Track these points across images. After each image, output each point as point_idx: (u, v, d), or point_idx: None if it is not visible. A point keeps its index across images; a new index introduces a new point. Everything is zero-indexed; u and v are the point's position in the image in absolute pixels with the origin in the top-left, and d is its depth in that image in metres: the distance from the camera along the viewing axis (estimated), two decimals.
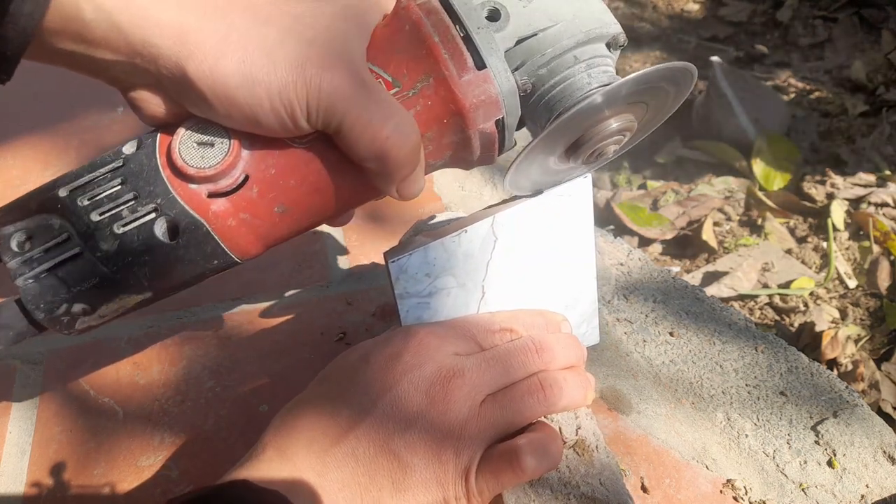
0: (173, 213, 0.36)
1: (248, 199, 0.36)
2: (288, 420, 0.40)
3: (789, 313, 1.11)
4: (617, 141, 0.39)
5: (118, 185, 0.36)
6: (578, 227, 0.45)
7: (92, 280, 0.36)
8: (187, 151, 0.36)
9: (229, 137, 0.36)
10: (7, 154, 0.76)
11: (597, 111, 0.36)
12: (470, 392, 0.39)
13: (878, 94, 1.50)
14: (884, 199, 1.25)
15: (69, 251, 0.36)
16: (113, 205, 0.36)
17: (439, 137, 0.38)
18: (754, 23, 1.79)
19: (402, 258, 0.41)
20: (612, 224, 1.27)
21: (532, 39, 0.37)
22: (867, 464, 0.48)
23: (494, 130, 0.38)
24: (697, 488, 0.47)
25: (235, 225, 0.37)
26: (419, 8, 0.37)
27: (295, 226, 0.39)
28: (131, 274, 0.36)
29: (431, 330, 0.42)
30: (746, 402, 0.51)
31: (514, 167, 0.38)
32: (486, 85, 0.36)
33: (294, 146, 0.36)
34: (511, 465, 0.38)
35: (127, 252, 0.36)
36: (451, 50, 0.36)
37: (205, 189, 0.36)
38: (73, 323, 0.37)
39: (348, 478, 0.37)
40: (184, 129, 0.36)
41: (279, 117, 0.34)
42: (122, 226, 0.36)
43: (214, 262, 0.38)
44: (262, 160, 0.36)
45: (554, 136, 0.37)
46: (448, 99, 0.36)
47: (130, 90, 0.36)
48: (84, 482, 0.49)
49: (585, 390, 0.43)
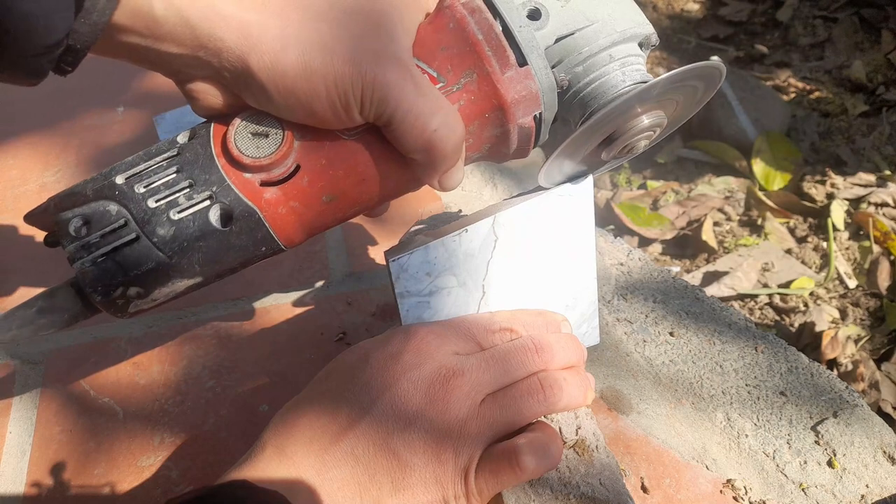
0: (228, 200, 0.37)
1: (299, 188, 0.38)
2: (287, 419, 0.40)
3: (789, 313, 1.11)
4: (648, 136, 0.40)
5: (174, 173, 0.37)
6: (579, 227, 0.45)
7: (148, 264, 0.37)
8: (242, 141, 0.37)
9: (283, 129, 0.37)
10: (7, 154, 0.76)
11: (630, 108, 0.38)
12: (470, 391, 0.39)
13: (878, 94, 1.50)
14: (884, 199, 1.25)
15: (126, 236, 0.37)
16: (169, 192, 0.37)
17: (480, 131, 0.39)
18: (754, 23, 1.79)
19: (403, 257, 0.41)
20: (612, 224, 1.27)
21: (570, 38, 0.38)
22: (867, 464, 0.48)
23: (532, 125, 0.39)
24: (697, 488, 0.47)
25: (285, 213, 0.38)
26: (463, 6, 0.38)
27: (339, 214, 0.40)
28: (185, 259, 0.38)
29: (431, 329, 0.42)
30: (746, 402, 0.51)
31: (550, 161, 0.39)
32: (528, 81, 0.37)
33: (344, 138, 0.38)
34: (511, 465, 0.38)
35: (183, 237, 0.37)
36: (493, 47, 0.37)
37: (258, 178, 0.37)
38: (127, 305, 0.38)
39: (348, 476, 0.37)
40: (239, 120, 0.38)
41: (334, 108, 0.35)
42: (179, 212, 0.37)
43: (263, 249, 0.39)
44: (313, 151, 0.38)
45: (589, 131, 0.38)
46: (491, 94, 0.37)
47: (188, 82, 0.37)
48: (84, 482, 0.49)
49: (585, 390, 0.43)
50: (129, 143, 0.76)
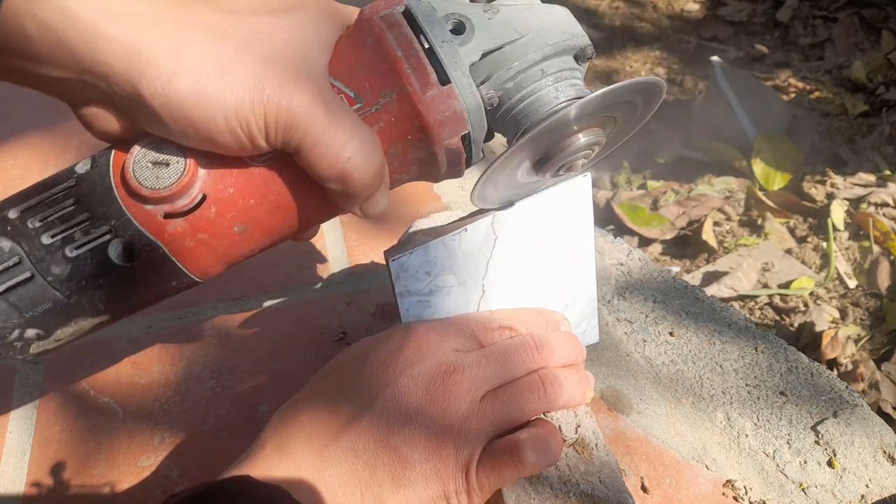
0: (128, 234, 0.35)
1: (206, 220, 0.35)
2: (287, 416, 0.40)
3: (789, 313, 1.11)
4: (586, 155, 0.38)
5: (71, 206, 0.35)
6: (578, 225, 0.45)
7: (45, 304, 0.35)
8: (141, 171, 0.34)
9: (185, 157, 0.35)
10: (6, 154, 0.76)
11: (565, 126, 0.36)
12: (470, 388, 0.39)
13: (878, 94, 1.50)
14: (884, 199, 1.25)
15: (20, 276, 0.34)
16: (65, 226, 0.35)
17: (404, 153, 0.37)
18: (754, 23, 1.79)
19: (403, 256, 0.41)
20: (612, 224, 1.27)
21: (497, 52, 0.36)
22: (867, 464, 0.48)
23: (461, 146, 0.37)
24: (697, 488, 0.47)
25: (193, 245, 0.36)
26: (382, 21, 0.36)
27: (256, 244, 0.38)
28: (86, 297, 0.35)
29: (431, 326, 0.42)
30: (746, 402, 0.51)
31: (482, 181, 0.37)
32: (451, 100, 0.35)
33: (253, 165, 0.35)
34: (512, 460, 0.38)
35: (80, 275, 0.35)
36: (414, 64, 0.35)
37: (161, 210, 0.35)
38: (27, 348, 0.36)
39: (348, 473, 0.37)
40: (138, 148, 0.35)
41: (236, 137, 0.33)
42: (75, 248, 0.34)
43: (173, 283, 0.37)
44: (219, 179, 0.35)
45: (521, 150, 0.36)
46: (412, 115, 0.35)
47: (81, 106, 0.34)
48: (84, 482, 0.49)
49: (585, 388, 0.43)
50: None
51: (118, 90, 0.32)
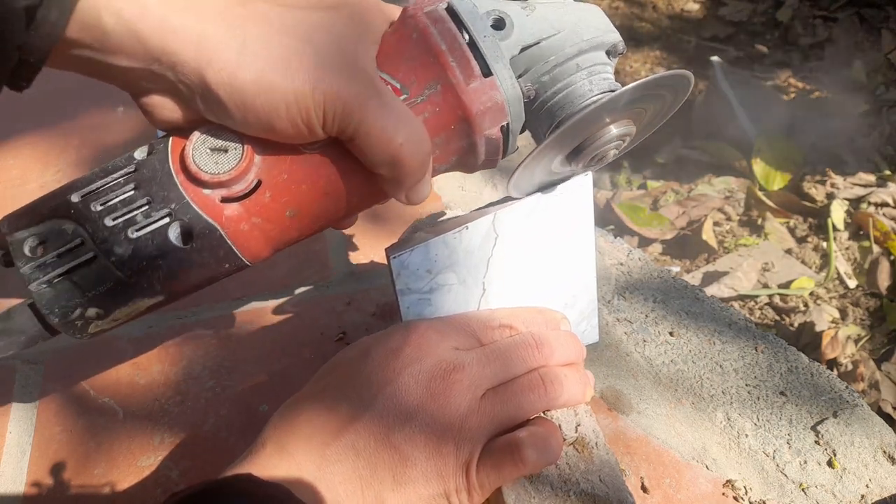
0: (187, 217, 0.36)
1: (261, 204, 0.37)
2: (287, 415, 0.40)
3: (789, 313, 1.11)
4: (617, 146, 0.40)
5: (131, 191, 0.36)
6: (579, 225, 0.45)
7: (106, 284, 0.36)
8: (201, 157, 0.36)
9: (242, 143, 0.36)
10: (7, 154, 0.76)
11: (598, 118, 0.37)
12: (470, 386, 0.39)
13: (878, 94, 1.50)
14: (884, 199, 1.25)
15: (83, 256, 0.36)
16: (126, 210, 0.36)
17: (446, 143, 0.38)
18: (754, 23, 1.79)
19: (404, 254, 0.41)
20: (612, 224, 1.27)
21: (535, 47, 0.38)
22: (867, 464, 0.48)
23: (500, 136, 0.38)
24: (697, 488, 0.47)
25: (248, 229, 0.37)
26: (426, 16, 0.37)
27: (305, 229, 0.39)
28: (145, 278, 0.37)
29: (431, 325, 0.42)
30: (746, 402, 0.51)
31: (518, 172, 0.39)
32: (493, 92, 0.37)
33: (306, 152, 0.37)
34: (512, 458, 0.38)
35: (141, 256, 0.36)
36: (457, 57, 0.36)
37: (218, 194, 0.36)
38: (86, 327, 0.37)
39: (349, 471, 0.37)
40: (198, 135, 0.36)
41: (295, 124, 0.35)
42: (137, 230, 0.36)
43: (226, 266, 0.38)
44: (274, 166, 0.37)
45: (557, 142, 0.37)
46: (456, 105, 0.37)
47: (143, 95, 0.36)
48: (84, 482, 0.49)
49: (585, 387, 0.43)
50: (128, 143, 0.76)
51: (185, 79, 0.34)
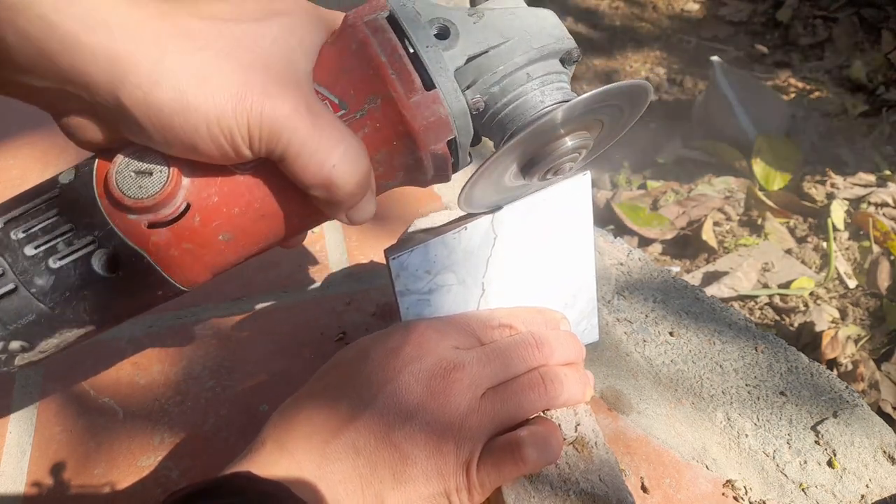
0: (112, 245, 0.34)
1: (191, 229, 0.35)
2: (287, 414, 0.40)
3: (789, 313, 1.11)
4: (572, 158, 0.38)
5: (54, 217, 0.35)
6: (578, 224, 0.45)
7: (28, 316, 0.35)
8: (124, 181, 0.34)
9: (168, 165, 0.34)
10: (6, 154, 0.76)
11: (551, 130, 0.36)
12: (470, 385, 0.39)
13: (878, 94, 1.51)
14: (884, 199, 1.25)
15: (3, 287, 0.34)
16: (48, 237, 0.34)
17: (390, 159, 0.37)
18: (754, 23, 1.79)
19: (403, 255, 0.41)
20: (612, 224, 1.27)
21: (483, 57, 0.36)
22: (867, 464, 0.48)
23: (447, 151, 0.37)
24: (697, 488, 0.47)
25: (178, 255, 0.35)
26: (366, 26, 0.35)
27: (242, 252, 0.38)
28: (70, 308, 0.35)
29: (431, 324, 0.42)
30: (746, 402, 0.51)
31: (469, 185, 0.37)
32: (436, 105, 0.35)
33: (237, 172, 0.35)
34: (513, 457, 0.38)
35: (64, 287, 0.34)
36: (398, 70, 0.35)
37: (144, 219, 0.34)
38: (11, 360, 0.36)
39: (349, 470, 0.37)
40: (121, 157, 0.35)
41: (219, 145, 0.33)
42: (59, 259, 0.34)
43: (158, 293, 0.36)
44: (203, 188, 0.35)
45: (508, 155, 0.36)
46: (397, 121, 0.35)
47: (63, 116, 0.34)
48: (84, 482, 0.49)
49: (585, 386, 0.43)
50: None
51: (100, 99, 0.32)
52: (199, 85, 0.32)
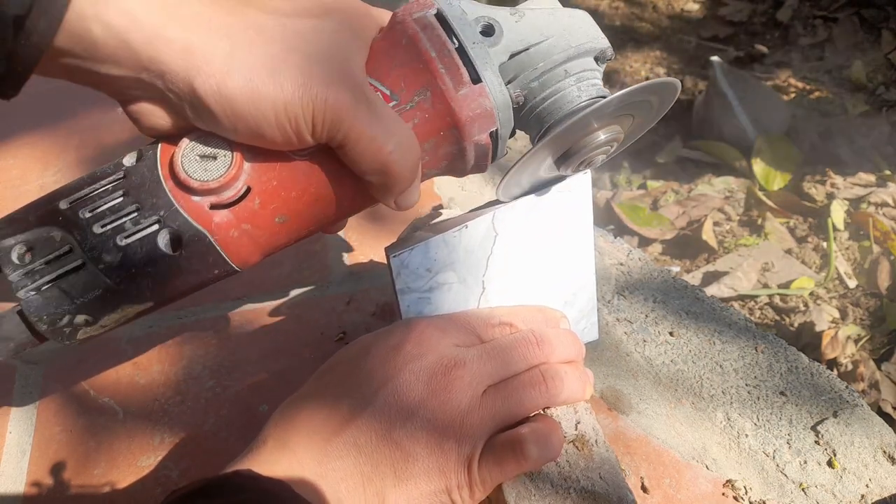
0: (176, 224, 0.36)
1: (250, 211, 0.37)
2: (288, 412, 0.40)
3: (789, 313, 1.11)
4: (605, 151, 0.40)
5: (120, 198, 0.36)
6: (578, 223, 0.45)
7: (95, 291, 0.36)
8: (190, 164, 0.36)
9: (232, 150, 0.36)
10: (7, 154, 0.76)
11: (586, 124, 0.38)
12: (471, 382, 0.39)
13: (878, 94, 1.51)
14: (884, 199, 1.25)
15: (72, 263, 0.36)
16: (115, 217, 0.36)
17: (436, 148, 0.38)
18: (754, 23, 1.79)
19: (404, 253, 0.42)
20: (612, 224, 1.27)
21: (524, 54, 0.38)
22: (867, 464, 0.48)
23: (489, 142, 0.39)
24: (697, 488, 0.47)
25: (237, 235, 0.37)
26: (415, 22, 0.37)
27: (294, 235, 0.39)
28: (134, 285, 0.37)
29: (432, 322, 0.42)
30: (746, 402, 0.51)
31: (508, 176, 0.39)
32: (482, 98, 0.37)
33: (295, 158, 0.37)
34: (514, 454, 0.39)
35: (130, 263, 0.36)
36: (447, 64, 0.36)
37: (207, 201, 0.36)
38: (74, 333, 0.37)
39: (350, 467, 0.37)
40: (187, 142, 0.36)
41: (284, 132, 0.35)
42: (126, 238, 0.36)
43: (215, 272, 0.38)
44: (263, 172, 0.37)
45: (546, 147, 0.38)
46: (445, 112, 0.37)
47: (132, 103, 0.36)
48: (84, 482, 0.49)
49: (585, 384, 0.43)
50: (128, 143, 0.76)
51: (174, 87, 0.34)
52: (269, 75, 0.34)
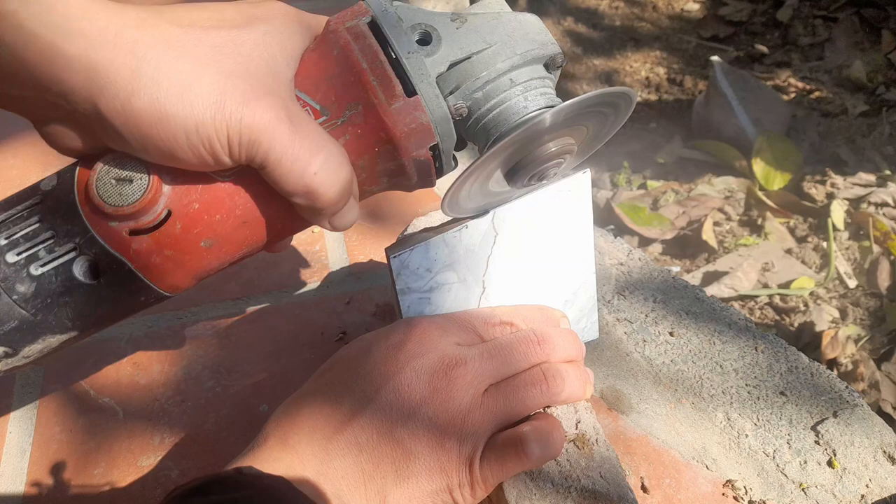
0: (93, 252, 0.34)
1: (172, 236, 0.35)
2: (289, 411, 0.40)
3: (789, 313, 1.11)
4: (557, 164, 0.38)
5: (35, 224, 0.35)
6: (577, 222, 0.45)
7: (11, 323, 0.35)
8: (104, 188, 0.34)
9: (149, 173, 0.34)
10: (7, 154, 0.76)
11: (535, 135, 0.36)
12: (472, 381, 0.39)
13: (878, 94, 1.51)
14: (884, 199, 1.25)
15: None
16: (30, 244, 0.34)
17: (372, 165, 0.37)
18: (754, 23, 1.79)
19: (404, 253, 0.42)
20: (612, 224, 1.27)
21: (465, 63, 0.36)
22: (867, 464, 0.48)
23: (429, 157, 0.37)
24: (697, 488, 0.47)
25: (160, 261, 0.35)
26: (348, 31, 0.35)
27: (225, 258, 0.38)
28: (52, 315, 0.35)
29: (433, 321, 0.42)
30: (746, 402, 0.51)
31: (453, 191, 0.37)
32: (417, 112, 0.35)
33: (218, 180, 0.35)
34: (516, 452, 0.39)
35: (45, 293, 0.34)
36: (379, 76, 0.35)
37: (125, 226, 0.34)
38: None
39: (351, 466, 0.37)
40: (101, 165, 0.35)
41: (198, 153, 0.33)
42: (40, 266, 0.34)
43: (141, 299, 0.37)
44: (184, 195, 0.35)
45: (492, 160, 0.36)
46: (378, 127, 0.35)
47: (43, 124, 0.34)
48: (84, 482, 0.49)
49: (585, 384, 0.43)
50: None
51: (79, 108, 0.32)
52: (178, 94, 0.31)
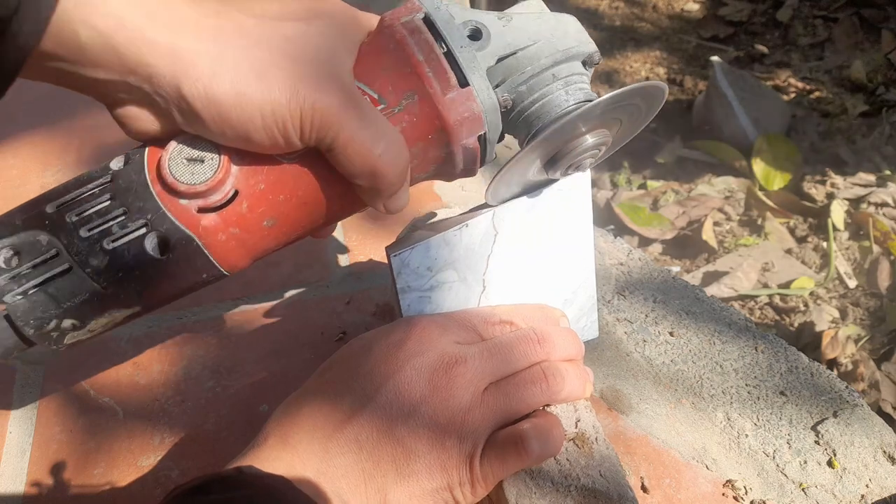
0: (164, 228, 0.36)
1: (238, 214, 0.37)
2: (290, 409, 0.40)
3: (789, 313, 1.11)
4: (593, 154, 0.40)
5: (107, 201, 0.36)
6: (577, 221, 0.45)
7: (82, 296, 0.36)
8: (177, 167, 0.36)
9: (219, 153, 0.36)
10: (7, 154, 0.76)
11: (574, 128, 0.38)
12: (472, 379, 0.39)
13: (878, 94, 1.51)
14: (884, 199, 1.25)
15: (58, 267, 0.36)
16: (102, 220, 0.36)
17: (424, 152, 0.39)
18: (754, 23, 1.79)
19: (405, 252, 0.42)
20: (612, 224, 1.27)
21: (512, 58, 0.38)
22: (867, 464, 0.48)
23: (477, 145, 0.39)
24: (697, 488, 0.47)
25: (225, 239, 0.37)
26: (403, 27, 0.37)
27: (283, 238, 0.39)
28: (121, 288, 0.36)
29: (433, 319, 0.42)
30: (746, 402, 0.51)
31: (496, 180, 0.39)
32: (469, 102, 0.37)
33: (284, 162, 0.37)
34: (516, 449, 0.39)
35: (117, 267, 0.36)
36: (434, 68, 0.37)
37: (195, 204, 0.36)
38: (62, 338, 0.37)
39: (352, 464, 0.37)
40: (174, 145, 0.36)
41: (272, 135, 0.35)
42: (113, 241, 0.36)
43: (203, 276, 0.38)
44: (251, 176, 0.37)
45: (534, 151, 0.38)
46: (432, 116, 0.37)
47: (119, 106, 0.36)
48: (84, 482, 0.49)
49: (585, 382, 0.43)
50: (129, 143, 0.76)
51: (161, 91, 0.34)
52: (256, 78, 0.34)
